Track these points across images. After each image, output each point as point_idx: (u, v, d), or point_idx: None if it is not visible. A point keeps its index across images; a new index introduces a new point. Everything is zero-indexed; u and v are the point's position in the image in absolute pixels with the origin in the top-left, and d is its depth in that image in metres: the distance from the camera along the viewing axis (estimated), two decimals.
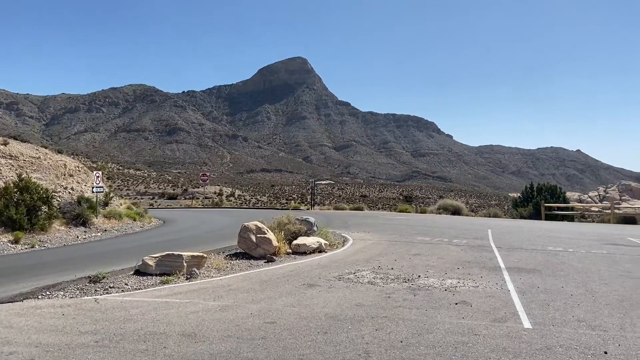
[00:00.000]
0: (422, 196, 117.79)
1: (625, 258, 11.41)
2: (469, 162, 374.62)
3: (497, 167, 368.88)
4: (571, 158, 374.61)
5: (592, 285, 8.14)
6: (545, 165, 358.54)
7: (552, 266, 10.03)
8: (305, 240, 11.12)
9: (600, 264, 10.48)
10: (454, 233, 16.67)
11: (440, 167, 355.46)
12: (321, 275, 8.54)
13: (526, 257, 11.31)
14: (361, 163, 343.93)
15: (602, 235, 16.78)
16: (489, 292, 7.49)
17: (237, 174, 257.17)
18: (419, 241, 14.06)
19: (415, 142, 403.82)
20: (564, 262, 10.66)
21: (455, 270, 9.34)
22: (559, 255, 11.62)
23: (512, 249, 12.64)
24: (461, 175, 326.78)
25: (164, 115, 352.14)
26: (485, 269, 9.51)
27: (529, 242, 14.21)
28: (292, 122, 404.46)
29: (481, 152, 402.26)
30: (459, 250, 12.28)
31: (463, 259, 10.74)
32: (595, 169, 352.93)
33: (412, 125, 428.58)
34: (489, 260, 10.72)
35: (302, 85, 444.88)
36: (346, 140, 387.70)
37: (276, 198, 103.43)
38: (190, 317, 5.92)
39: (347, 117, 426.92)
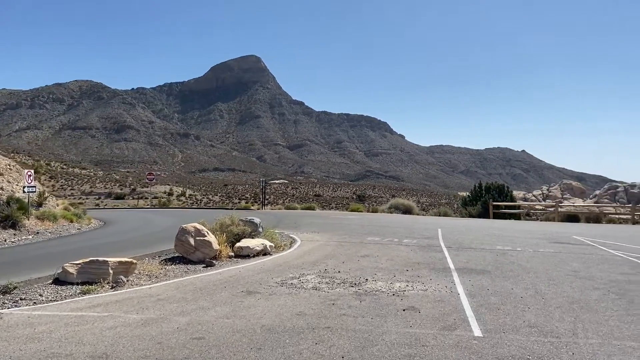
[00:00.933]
0: (375, 195, 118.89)
1: (571, 257, 11.43)
2: (421, 161, 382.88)
3: (447, 166, 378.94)
4: (517, 158, 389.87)
5: (542, 286, 7.95)
6: (492, 165, 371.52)
7: (501, 266, 9.85)
8: (249, 243, 10.48)
9: (548, 263, 10.41)
10: (404, 232, 16.45)
11: (393, 166, 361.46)
12: (263, 281, 7.94)
13: (475, 257, 11.12)
14: (315, 162, 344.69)
15: (548, 234, 17.01)
16: (438, 295, 7.12)
17: (189, 173, 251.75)
18: (369, 241, 13.69)
19: (369, 141, 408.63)
20: (513, 261, 10.53)
21: (404, 272, 8.97)
22: (508, 255, 11.52)
23: (461, 249, 12.46)
24: (413, 175, 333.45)
25: (112, 113, 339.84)
26: (435, 271, 9.19)
27: (478, 242, 14.13)
28: (245, 121, 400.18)
29: (432, 151, 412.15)
30: (409, 250, 11.98)
31: (412, 260, 10.41)
32: (539, 168, 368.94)
33: (366, 125, 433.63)
34: (438, 261, 10.44)
35: (256, 83, 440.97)
36: (300, 139, 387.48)
37: (229, 198, 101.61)
38: (106, 334, 5.18)
39: (301, 117, 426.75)
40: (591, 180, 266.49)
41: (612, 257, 11.55)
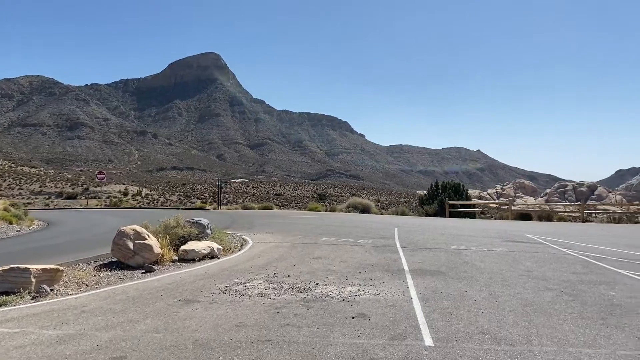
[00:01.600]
0: (335, 194, 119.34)
1: (525, 256, 11.39)
2: (381, 160, 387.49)
3: (406, 165, 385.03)
4: (472, 157, 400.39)
5: (495, 287, 7.73)
6: (449, 164, 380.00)
7: (456, 267, 9.63)
8: (194, 245, 9.86)
9: (502, 263, 10.29)
10: (360, 232, 16.16)
11: (354, 165, 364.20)
12: (204, 288, 7.37)
13: (430, 257, 10.90)
14: (276, 161, 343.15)
15: (502, 232, 17.10)
16: (390, 300, 6.77)
17: (146, 172, 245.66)
18: (324, 242, 13.29)
19: (330, 141, 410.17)
20: (467, 261, 10.36)
21: (357, 275, 8.60)
22: (462, 255, 11.36)
23: (416, 249, 12.24)
24: (373, 174, 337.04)
25: (65, 109, 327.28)
26: (389, 273, 8.86)
27: (434, 241, 13.98)
28: (205, 119, 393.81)
29: (392, 151, 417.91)
30: (364, 251, 11.64)
31: (367, 262, 10.06)
32: (494, 167, 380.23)
33: (327, 124, 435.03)
34: (393, 262, 10.14)
35: (216, 81, 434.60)
36: (261, 138, 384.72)
37: (187, 197, 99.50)
38: (12, 355, 4.53)
39: (262, 115, 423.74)
40: (542, 179, 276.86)
41: (564, 255, 11.58)
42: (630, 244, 14.30)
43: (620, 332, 5.41)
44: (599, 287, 7.88)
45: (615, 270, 9.55)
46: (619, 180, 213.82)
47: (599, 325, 5.67)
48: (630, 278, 8.79)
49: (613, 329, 5.54)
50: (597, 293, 7.45)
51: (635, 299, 7.06)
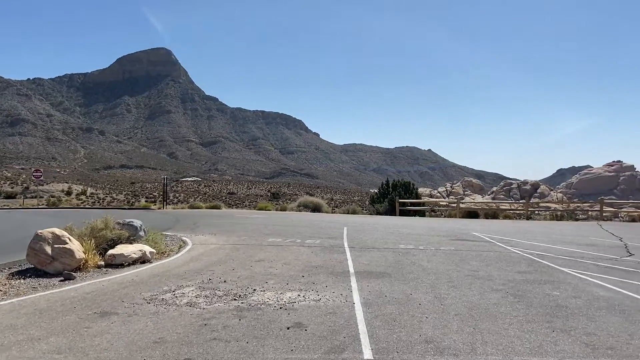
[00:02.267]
0: (290, 193, 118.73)
1: (471, 255, 11.26)
2: (335, 159, 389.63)
3: (360, 164, 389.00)
4: (423, 157, 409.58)
5: (441, 289, 7.44)
6: (401, 163, 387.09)
7: (402, 268, 9.33)
8: (124, 249, 9.08)
9: (449, 262, 10.09)
10: (309, 232, 15.71)
11: (308, 164, 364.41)
12: (127, 297, 6.68)
13: (377, 257, 10.57)
14: (230, 159, 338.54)
15: (450, 231, 17.09)
16: (331, 306, 6.32)
17: (93, 171, 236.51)
18: (269, 243, 12.74)
19: (284, 139, 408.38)
20: (414, 262, 10.09)
21: (299, 279, 8.11)
22: (410, 255, 11.11)
23: (364, 249, 11.91)
24: (327, 172, 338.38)
25: (5, 105, 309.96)
26: (333, 275, 8.43)
27: (382, 240, 13.71)
28: (155, 116, 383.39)
29: (346, 150, 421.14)
30: (310, 252, 11.18)
31: (311, 264, 9.60)
32: (444, 166, 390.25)
33: (281, 122, 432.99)
34: (338, 263, 9.73)
35: (167, 77, 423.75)
36: (214, 136, 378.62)
37: (135, 196, 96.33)
38: None
39: (215, 113, 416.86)
40: (489, 178, 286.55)
41: (509, 254, 11.55)
42: (572, 241, 14.55)
43: (566, 337, 5.18)
44: (543, 287, 7.75)
45: (559, 269, 9.53)
46: (560, 178, 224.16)
47: (545, 330, 5.43)
48: (573, 277, 8.74)
49: (559, 334, 5.31)
50: (542, 293, 7.30)
51: (579, 299, 6.94)
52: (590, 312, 6.23)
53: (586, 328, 5.53)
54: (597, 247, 13.09)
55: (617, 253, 12.01)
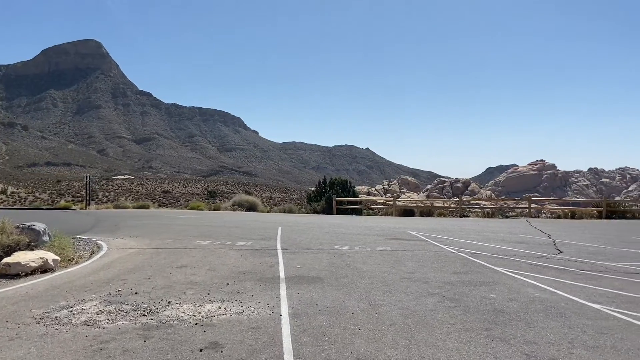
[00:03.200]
0: (227, 191, 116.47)
1: (407, 255, 10.95)
2: (274, 157, 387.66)
3: (299, 162, 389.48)
4: (362, 155, 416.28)
5: (376, 295, 6.97)
6: (340, 162, 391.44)
7: (337, 271, 8.81)
8: (21, 257, 7.92)
9: (385, 264, 9.69)
10: (241, 233, 14.90)
11: (247, 162, 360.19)
12: (14, 316, 5.66)
13: (311, 260, 9.99)
14: (165, 157, 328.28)
15: (386, 230, 16.87)
16: (255, 320, 5.65)
17: (15, 168, 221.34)
18: (196, 246, 11.84)
19: (222, 136, 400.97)
20: (349, 264, 9.61)
21: (223, 287, 7.37)
22: (345, 256, 10.63)
23: (298, 251, 11.30)
24: (267, 171, 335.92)
25: None
26: (261, 282, 7.75)
27: (317, 241, 13.17)
28: (84, 110, 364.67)
29: (285, 148, 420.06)
30: (239, 256, 10.42)
31: (239, 269, 8.86)
32: (381, 165, 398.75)
33: (219, 119, 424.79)
34: (269, 268, 9.05)
35: (96, 71, 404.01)
36: (148, 132, 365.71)
37: (60, 195, 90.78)
38: None
39: (149, 109, 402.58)
40: (424, 176, 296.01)
41: (445, 253, 11.36)
42: (504, 239, 14.69)
43: (506, 348, 4.81)
44: (479, 289, 7.47)
45: (493, 268, 9.37)
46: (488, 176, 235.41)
47: (484, 340, 5.05)
48: (507, 277, 8.58)
49: (499, 343, 4.93)
50: (479, 296, 7.00)
51: (515, 302, 6.68)
52: (528, 317, 5.95)
53: (525, 336, 5.21)
54: (528, 245, 13.23)
55: (547, 250, 12.15)
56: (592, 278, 8.58)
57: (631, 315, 6.07)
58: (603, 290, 7.58)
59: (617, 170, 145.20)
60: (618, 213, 25.41)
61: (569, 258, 10.92)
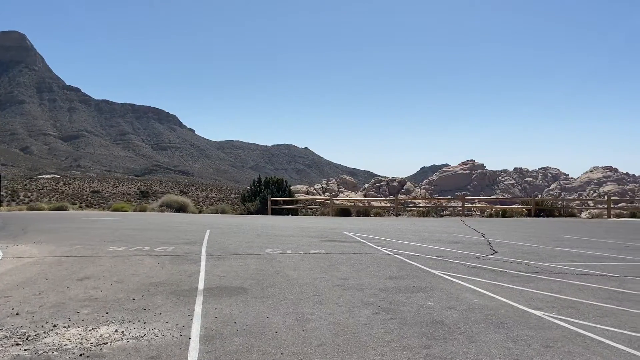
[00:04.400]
0: (162, 191, 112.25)
1: (341, 259, 10.31)
2: (211, 156, 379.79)
3: (237, 161, 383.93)
4: (300, 154, 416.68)
5: (305, 307, 6.22)
6: (279, 161, 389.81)
7: (264, 279, 7.98)
8: None
9: (317, 269, 8.97)
10: (164, 237, 13.69)
11: (183, 161, 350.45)
12: None
13: (237, 267, 9.11)
14: (94, 155, 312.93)
15: (321, 231, 16.23)
16: (157, 346, 4.71)
17: None
18: (109, 253, 10.60)
19: (156, 134, 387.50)
20: (279, 270, 8.81)
21: (127, 303, 6.34)
22: (275, 261, 9.82)
23: (224, 256, 10.36)
24: (204, 170, 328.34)
25: None
26: (175, 296, 6.79)
27: (247, 245, 12.27)
28: (5, 106, 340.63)
29: (222, 146, 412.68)
30: (156, 264, 9.34)
31: (152, 280, 7.82)
32: (320, 164, 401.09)
33: (153, 117, 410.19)
34: (187, 277, 8.07)
35: (20, 64, 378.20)
36: (76, 130, 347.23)
37: None
38: None
39: (78, 105, 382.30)
40: (362, 175, 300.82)
41: (381, 256, 10.83)
42: (439, 239, 14.45)
43: None
44: (416, 296, 6.92)
45: (430, 272, 8.92)
46: (422, 175, 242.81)
47: None
48: (445, 280, 8.12)
49: None
50: (416, 305, 6.43)
51: (455, 311, 6.16)
52: (469, 328, 5.42)
53: (468, 353, 4.63)
54: (463, 245, 13.02)
55: (482, 251, 11.94)
56: (529, 280, 8.30)
57: (575, 323, 5.70)
58: (542, 294, 7.25)
59: (540, 169, 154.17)
60: (546, 211, 26.31)
61: (504, 258, 10.72)
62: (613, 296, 7.18)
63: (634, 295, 7.28)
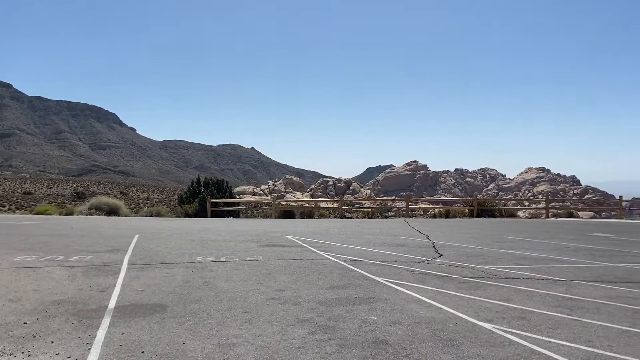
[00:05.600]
0: (99, 192, 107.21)
1: (280, 266, 9.53)
2: (153, 156, 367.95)
3: (181, 161, 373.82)
4: (247, 155, 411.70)
5: (231, 328, 5.38)
6: (225, 161, 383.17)
7: (189, 293, 7.07)
8: None
9: (252, 279, 8.14)
10: (85, 244, 12.37)
11: (123, 160, 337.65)
12: None
13: (161, 278, 8.12)
14: (27, 155, 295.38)
15: (262, 234, 15.37)
16: None
17: None
18: (13, 264, 9.26)
19: (95, 133, 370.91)
20: (209, 281, 7.92)
21: (16, 329, 5.26)
22: (206, 270, 8.90)
23: (149, 266, 9.31)
24: (145, 170, 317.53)
25: None
26: (77, 317, 5.76)
27: (178, 252, 11.23)
28: None
29: (165, 146, 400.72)
30: (66, 276, 8.17)
31: (55, 297, 6.72)
32: (267, 165, 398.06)
33: (91, 115, 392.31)
34: (99, 293, 7.02)
35: None
36: (7, 127, 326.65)
37: None
38: None
39: (9, 101, 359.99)
40: (309, 176, 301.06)
41: (322, 262, 10.14)
42: (384, 242, 13.97)
43: None
44: (358, 310, 6.25)
45: (374, 279, 8.31)
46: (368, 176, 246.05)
47: None
48: (389, 289, 7.52)
49: None
50: (358, 320, 5.75)
51: (400, 326, 5.53)
52: (415, 349, 4.79)
53: None
54: (408, 248, 12.57)
55: (427, 254, 11.52)
56: (476, 286, 7.86)
57: (528, 337, 5.20)
58: (490, 302, 6.79)
59: (479, 170, 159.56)
60: (487, 211, 26.65)
61: (450, 262, 10.31)
62: (562, 303, 6.81)
63: (583, 302, 6.95)
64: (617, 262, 10.70)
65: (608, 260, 10.93)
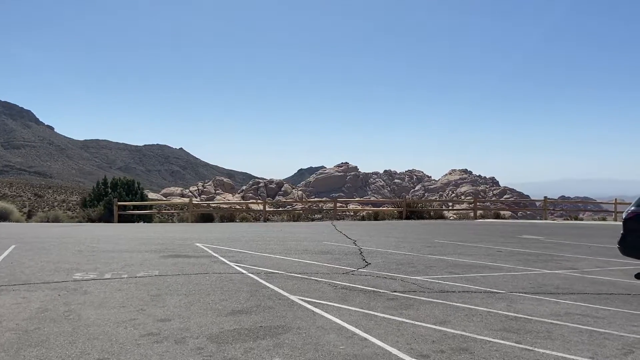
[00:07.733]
0: (12, 194, 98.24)
1: (177, 283, 7.84)
2: (73, 156, 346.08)
3: (104, 162, 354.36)
4: (175, 155, 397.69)
5: None
6: (151, 162, 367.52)
7: (38, 328, 5.27)
8: None
9: (132, 305, 6.42)
10: None
11: (39, 161, 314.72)
12: None
13: (10, 306, 6.21)
14: None
15: (168, 243, 13.47)
16: None
17: None
18: None
19: (8, 132, 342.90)
20: (73, 309, 6.12)
21: None
22: (79, 293, 7.06)
23: (4, 287, 7.30)
24: (65, 171, 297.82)
25: None
26: None
27: (55, 266, 9.21)
28: None
29: (87, 146, 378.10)
30: None
31: None
32: (196, 165, 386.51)
33: (4, 112, 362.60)
34: None
35: None
36: None
37: None
38: None
39: None
40: (240, 177, 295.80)
41: (231, 276, 8.56)
42: (307, 249, 12.58)
43: None
44: (260, 347, 4.76)
45: (288, 298, 6.87)
46: (300, 177, 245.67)
47: None
48: (304, 312, 6.11)
49: None
50: None
51: None
52: None
53: None
54: (332, 256, 11.26)
55: (353, 263, 10.25)
56: (408, 305, 6.63)
57: None
58: (424, 327, 5.54)
59: (407, 172, 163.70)
60: (416, 213, 26.12)
61: (378, 273, 9.09)
62: (507, 326, 5.70)
63: (530, 322, 5.88)
64: (553, 269, 9.97)
65: (544, 267, 10.20)
